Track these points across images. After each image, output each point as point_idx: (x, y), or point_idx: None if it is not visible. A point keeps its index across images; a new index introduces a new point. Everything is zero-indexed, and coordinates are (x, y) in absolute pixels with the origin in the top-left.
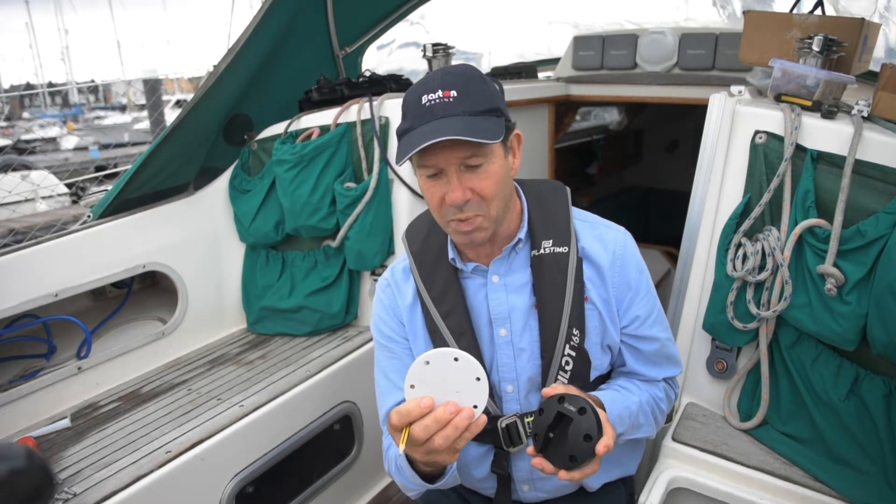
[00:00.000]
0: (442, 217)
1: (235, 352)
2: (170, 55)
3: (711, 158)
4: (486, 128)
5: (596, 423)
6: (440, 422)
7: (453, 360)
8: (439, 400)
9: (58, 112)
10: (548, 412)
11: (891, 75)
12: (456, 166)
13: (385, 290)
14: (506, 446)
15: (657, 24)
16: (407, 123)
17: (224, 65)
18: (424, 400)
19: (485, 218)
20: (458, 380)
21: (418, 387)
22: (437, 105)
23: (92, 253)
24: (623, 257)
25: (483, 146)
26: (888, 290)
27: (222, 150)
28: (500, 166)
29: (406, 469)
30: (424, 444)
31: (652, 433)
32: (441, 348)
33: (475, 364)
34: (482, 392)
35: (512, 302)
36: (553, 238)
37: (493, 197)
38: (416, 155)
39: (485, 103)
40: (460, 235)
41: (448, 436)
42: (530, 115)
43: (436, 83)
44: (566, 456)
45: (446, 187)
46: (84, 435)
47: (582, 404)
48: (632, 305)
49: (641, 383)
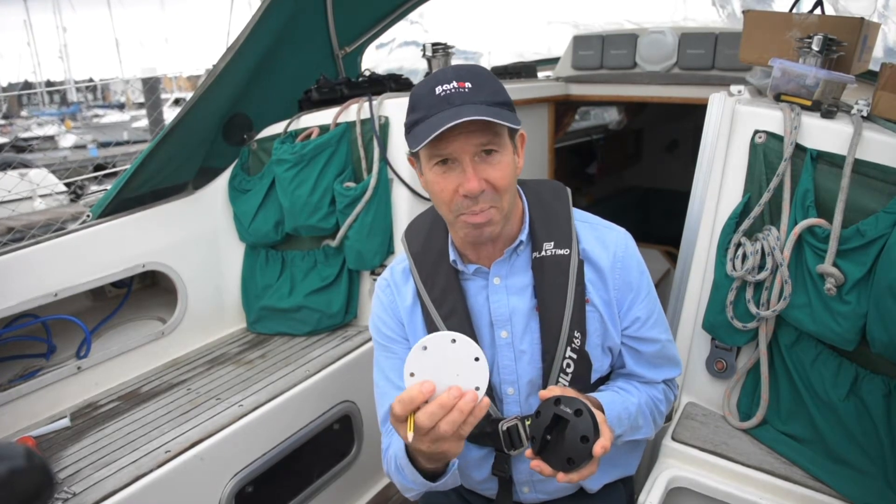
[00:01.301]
0: (451, 211)
1: (235, 351)
2: (168, 54)
3: (711, 158)
4: (505, 116)
5: (593, 424)
6: (445, 407)
7: (451, 342)
8: (440, 385)
9: (56, 110)
10: (545, 414)
11: (890, 75)
12: (471, 155)
13: (385, 291)
14: (506, 449)
15: (657, 23)
16: (420, 113)
17: (223, 64)
18: (426, 384)
19: (498, 210)
20: (458, 362)
21: (418, 374)
22: (454, 94)
23: (91, 252)
24: (624, 259)
25: (499, 135)
26: (888, 290)
27: (222, 149)
28: (511, 160)
29: (407, 468)
30: (430, 433)
31: (650, 434)
32: (437, 332)
33: (473, 344)
34: (482, 372)
35: (513, 304)
36: (554, 240)
37: (506, 189)
38: (430, 143)
39: (499, 96)
40: (470, 229)
41: (454, 420)
42: (530, 114)
43: (449, 75)
44: (564, 458)
45: (460, 178)
46: (83, 435)
47: (578, 406)
48: (633, 307)
49: (640, 385)
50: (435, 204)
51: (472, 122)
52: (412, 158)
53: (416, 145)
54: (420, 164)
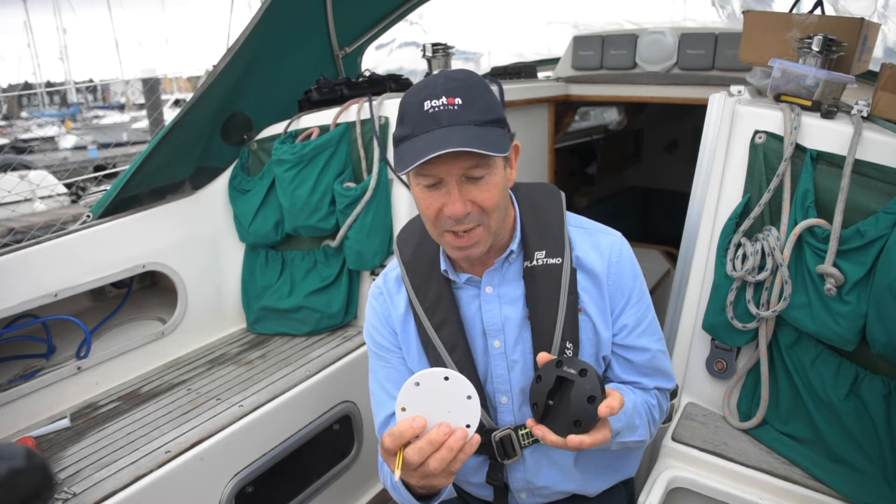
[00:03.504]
0: (436, 228)
1: (235, 352)
2: (168, 54)
3: (711, 158)
4: (492, 140)
5: (600, 384)
6: (434, 444)
7: (443, 380)
8: (432, 421)
9: (56, 111)
10: (546, 378)
11: (890, 75)
12: (457, 178)
13: (378, 299)
14: (500, 458)
15: (657, 24)
16: (407, 129)
17: (223, 64)
18: (417, 420)
19: (485, 229)
20: (450, 399)
21: (410, 409)
22: (442, 112)
23: (91, 253)
24: (619, 263)
25: (486, 158)
26: (888, 290)
27: (222, 149)
28: (500, 178)
29: (400, 487)
30: (419, 469)
31: (646, 437)
32: (431, 369)
33: (465, 382)
34: (474, 410)
35: (506, 313)
36: (546, 248)
37: (494, 209)
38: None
39: (489, 113)
40: (456, 251)
41: (443, 458)
42: (530, 114)
43: (439, 89)
44: (570, 421)
45: (445, 198)
46: (83, 435)
47: (582, 366)
48: (622, 313)
49: (635, 388)
50: (422, 218)
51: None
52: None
53: (401, 168)
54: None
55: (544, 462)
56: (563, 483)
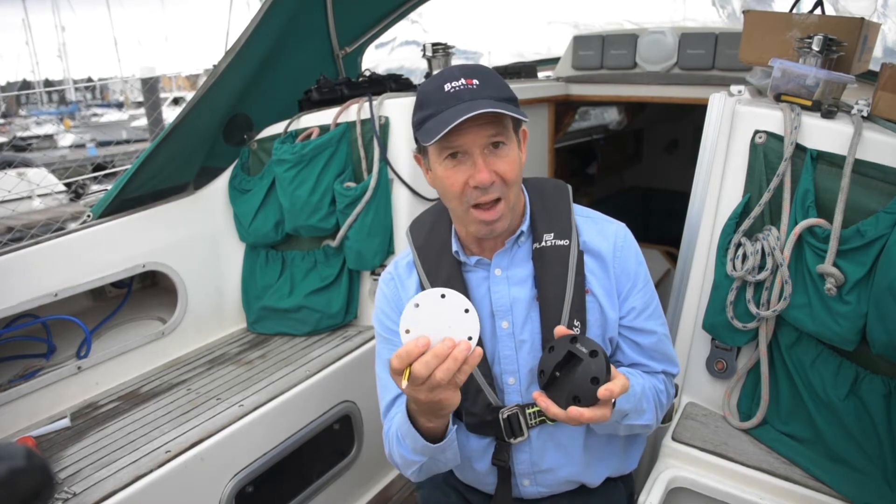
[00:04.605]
0: (462, 204)
1: (235, 351)
2: (167, 53)
3: (711, 158)
4: (513, 110)
5: (606, 368)
6: (439, 356)
7: (440, 298)
8: (435, 338)
9: (55, 109)
10: (558, 350)
11: (890, 75)
12: (481, 148)
13: (388, 283)
14: (507, 437)
15: (657, 23)
16: (429, 110)
17: (224, 65)
18: (421, 339)
19: (505, 203)
20: (449, 315)
21: (413, 330)
22: (463, 90)
23: (91, 252)
24: (624, 248)
25: (507, 128)
26: (888, 290)
27: (222, 149)
28: (517, 154)
29: (408, 433)
30: (427, 382)
31: (653, 423)
32: (427, 289)
33: (462, 298)
34: (473, 323)
35: (514, 294)
36: (554, 231)
37: (514, 182)
38: (442, 137)
39: (505, 92)
40: (481, 225)
41: (448, 368)
42: (530, 114)
43: (456, 73)
44: (570, 395)
45: (471, 170)
46: (84, 435)
47: (594, 347)
48: (629, 296)
49: (643, 373)
50: (444, 198)
51: (482, 115)
52: (419, 155)
53: (429, 139)
54: (427, 160)
55: (550, 444)
56: (567, 467)
